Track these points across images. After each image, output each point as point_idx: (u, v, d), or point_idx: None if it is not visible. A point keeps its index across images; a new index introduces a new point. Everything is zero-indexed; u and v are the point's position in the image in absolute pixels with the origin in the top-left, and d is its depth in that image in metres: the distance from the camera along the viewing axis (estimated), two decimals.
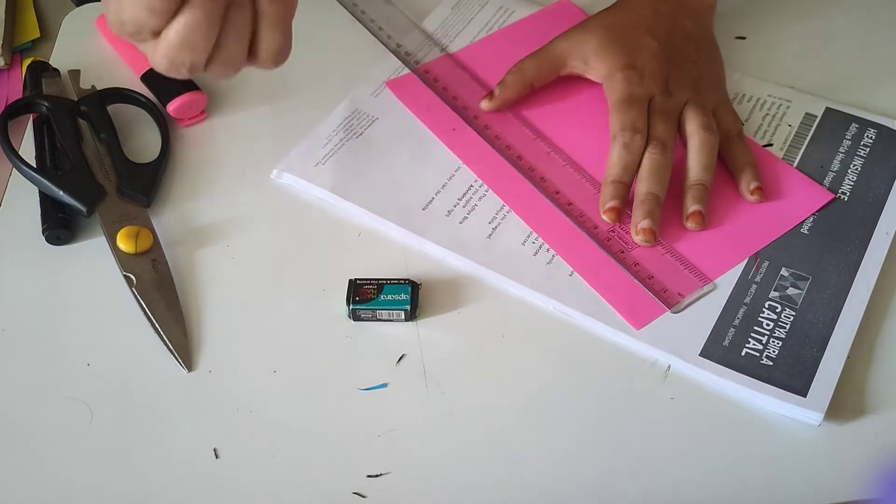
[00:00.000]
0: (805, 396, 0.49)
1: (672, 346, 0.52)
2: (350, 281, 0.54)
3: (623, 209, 0.57)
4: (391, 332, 0.53)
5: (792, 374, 0.50)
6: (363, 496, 0.47)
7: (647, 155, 0.58)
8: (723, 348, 0.52)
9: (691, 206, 0.57)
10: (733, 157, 0.60)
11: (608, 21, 0.64)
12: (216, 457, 0.49)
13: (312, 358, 0.52)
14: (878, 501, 0.39)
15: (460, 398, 0.51)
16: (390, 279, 0.54)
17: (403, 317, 0.53)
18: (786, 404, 0.49)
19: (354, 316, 0.53)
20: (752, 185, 0.59)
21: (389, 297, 0.53)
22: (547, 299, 0.54)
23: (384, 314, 0.53)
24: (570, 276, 0.55)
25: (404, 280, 0.54)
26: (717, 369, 0.51)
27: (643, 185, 0.57)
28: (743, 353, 0.51)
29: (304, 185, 0.60)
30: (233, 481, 0.48)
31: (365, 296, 0.53)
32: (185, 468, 0.48)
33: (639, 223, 0.56)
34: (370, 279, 0.54)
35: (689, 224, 0.57)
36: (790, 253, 0.56)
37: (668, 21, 0.63)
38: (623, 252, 0.56)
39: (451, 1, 0.72)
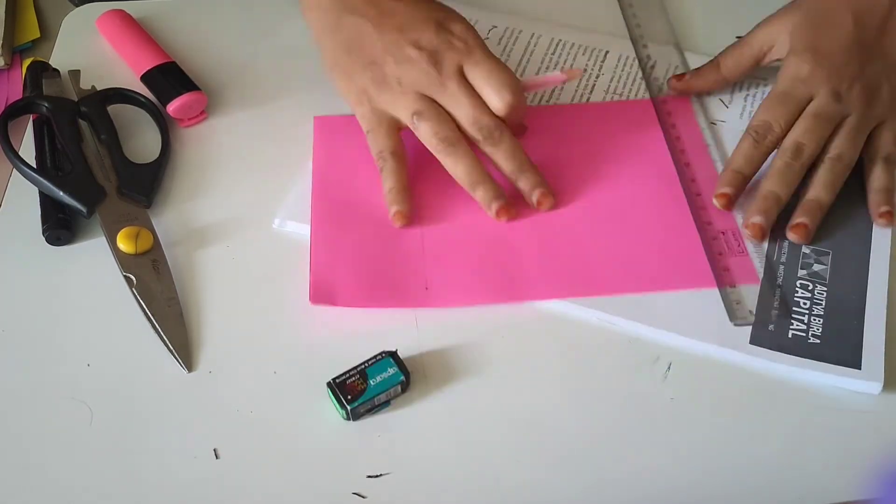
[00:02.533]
0: (860, 368, 0.50)
1: (721, 338, 0.52)
2: (329, 384, 0.50)
3: (735, 199, 0.57)
4: (391, 333, 0.53)
5: (841, 349, 0.51)
6: (363, 496, 0.47)
7: (779, 157, 0.57)
8: (770, 333, 0.52)
9: (798, 219, 0.56)
10: (875, 180, 0.58)
11: (812, 2, 0.61)
12: (216, 457, 0.49)
13: (312, 358, 0.52)
14: (878, 501, 0.39)
15: (460, 398, 0.51)
16: (367, 361, 0.50)
17: (401, 390, 0.50)
18: (845, 378, 0.50)
19: (354, 415, 0.50)
20: (882, 209, 0.57)
21: (378, 378, 0.50)
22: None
23: (382, 398, 0.50)
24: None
25: (381, 355, 0.51)
26: (771, 355, 0.51)
27: (768, 183, 0.57)
28: (790, 335, 0.52)
29: (308, 230, 0.58)
30: (233, 481, 0.48)
31: (354, 390, 0.49)
32: (185, 468, 0.48)
33: (752, 217, 0.56)
34: (347, 372, 0.50)
35: (791, 236, 0.56)
36: None
37: (883, 12, 0.59)
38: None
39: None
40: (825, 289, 0.54)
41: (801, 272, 0.55)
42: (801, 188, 0.57)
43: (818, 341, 0.52)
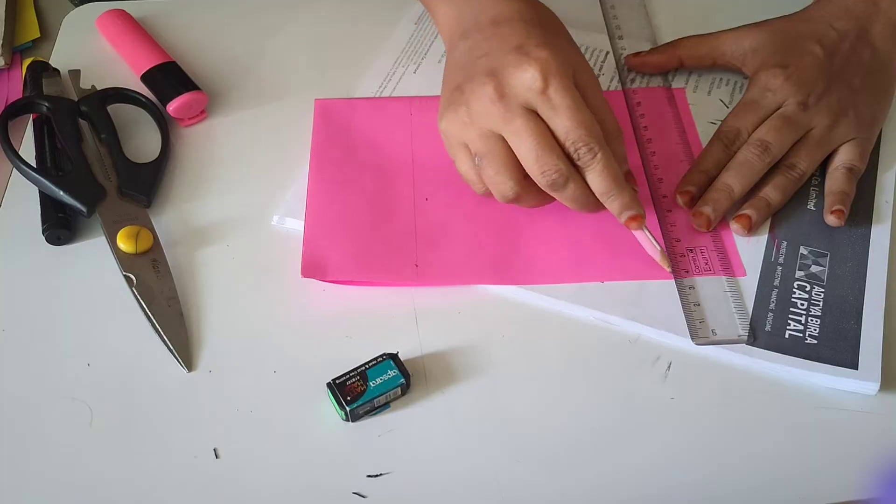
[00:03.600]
0: (857, 369, 0.50)
1: (717, 338, 0.52)
2: (329, 384, 0.50)
3: (698, 198, 0.58)
4: (391, 334, 0.53)
5: (838, 350, 0.51)
6: (363, 496, 0.47)
7: (743, 150, 0.58)
8: (766, 333, 0.52)
9: (744, 210, 0.57)
10: (834, 184, 0.58)
11: (780, 25, 0.64)
12: (216, 457, 0.49)
13: (312, 358, 0.52)
14: (878, 501, 0.39)
15: (460, 398, 0.51)
16: (368, 363, 0.50)
17: (401, 392, 0.50)
18: (841, 379, 0.50)
19: (353, 416, 0.49)
20: (835, 207, 0.57)
21: (378, 380, 0.50)
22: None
23: (381, 400, 0.50)
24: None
25: (382, 356, 0.51)
26: (767, 355, 0.51)
27: (724, 176, 0.58)
28: (787, 336, 0.52)
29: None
30: (233, 481, 0.48)
31: (354, 391, 0.49)
32: (185, 468, 0.48)
33: (701, 207, 0.57)
34: (348, 373, 0.50)
35: (733, 226, 0.57)
36: (804, 231, 0.57)
37: (842, 40, 0.62)
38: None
39: None
40: (822, 290, 0.54)
41: (799, 273, 0.55)
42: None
43: (815, 342, 0.52)
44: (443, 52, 0.62)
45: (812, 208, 0.59)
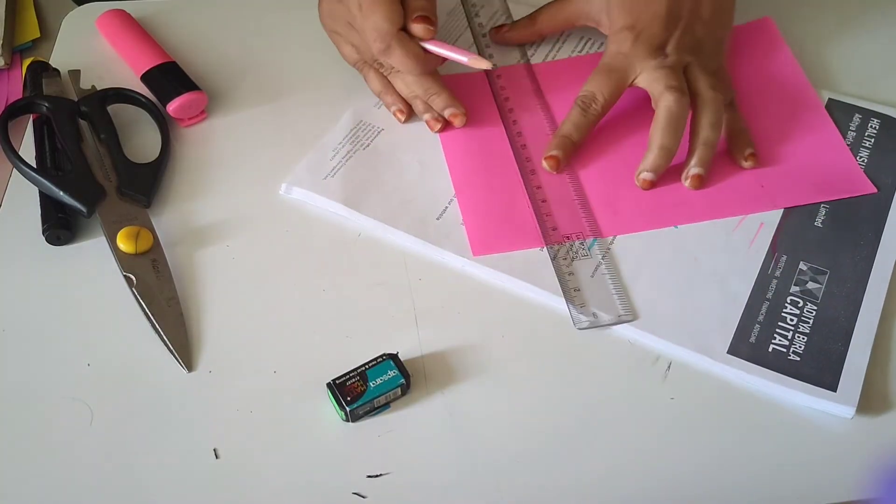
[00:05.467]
0: (835, 391, 0.50)
1: (699, 344, 0.52)
2: (329, 384, 0.50)
3: (565, 163, 0.61)
4: (391, 334, 0.53)
5: (820, 369, 0.51)
6: (363, 496, 0.47)
7: (664, 102, 0.58)
8: (750, 345, 0.52)
9: (693, 169, 0.59)
10: (727, 123, 0.61)
11: None
12: (216, 457, 0.49)
13: (312, 358, 0.52)
14: (878, 501, 0.39)
15: (460, 398, 0.51)
16: (368, 363, 0.50)
17: (401, 393, 0.51)
18: (817, 399, 0.50)
19: (353, 417, 0.49)
20: (747, 151, 0.60)
21: (378, 380, 0.50)
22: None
23: (381, 400, 0.50)
24: (592, 277, 0.55)
25: (382, 357, 0.51)
26: (746, 366, 0.51)
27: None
28: (770, 350, 0.52)
29: (314, 198, 0.60)
30: (233, 481, 0.48)
31: (354, 391, 0.49)
32: (185, 468, 0.48)
33: (642, 174, 0.59)
34: (348, 373, 0.50)
35: (688, 184, 0.59)
36: (806, 247, 0.57)
37: None
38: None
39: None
40: (815, 308, 0.53)
41: (794, 289, 0.54)
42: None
43: (798, 359, 0.51)
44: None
45: (819, 225, 0.58)
